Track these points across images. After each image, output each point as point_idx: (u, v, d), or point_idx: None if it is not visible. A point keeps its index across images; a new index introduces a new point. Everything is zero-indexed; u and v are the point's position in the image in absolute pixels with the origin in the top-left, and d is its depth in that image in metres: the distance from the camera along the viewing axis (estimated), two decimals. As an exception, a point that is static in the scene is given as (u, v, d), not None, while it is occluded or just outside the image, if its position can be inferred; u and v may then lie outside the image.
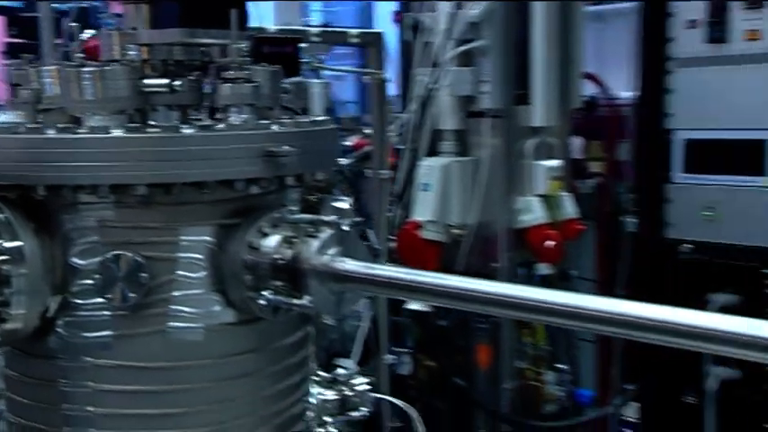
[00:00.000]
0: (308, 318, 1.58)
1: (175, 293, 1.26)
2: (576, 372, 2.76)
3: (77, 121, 1.27)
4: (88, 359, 1.27)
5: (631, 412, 2.73)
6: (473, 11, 2.44)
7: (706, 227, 2.45)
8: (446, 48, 2.48)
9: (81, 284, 1.25)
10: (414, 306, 2.47)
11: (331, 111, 2.57)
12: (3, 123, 1.31)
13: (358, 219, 1.59)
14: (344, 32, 2.46)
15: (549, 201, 2.59)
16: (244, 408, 1.39)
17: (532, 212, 2.55)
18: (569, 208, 2.63)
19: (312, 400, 1.56)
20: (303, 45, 2.11)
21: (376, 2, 4.83)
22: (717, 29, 2.38)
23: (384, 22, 2.69)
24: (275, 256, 1.25)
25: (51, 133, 1.22)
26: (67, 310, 1.26)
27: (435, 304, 2.40)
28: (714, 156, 2.47)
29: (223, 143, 1.25)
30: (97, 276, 1.23)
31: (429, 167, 2.52)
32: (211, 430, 1.32)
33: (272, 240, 1.25)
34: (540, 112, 2.55)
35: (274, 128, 1.29)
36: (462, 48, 2.50)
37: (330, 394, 1.61)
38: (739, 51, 2.38)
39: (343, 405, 1.63)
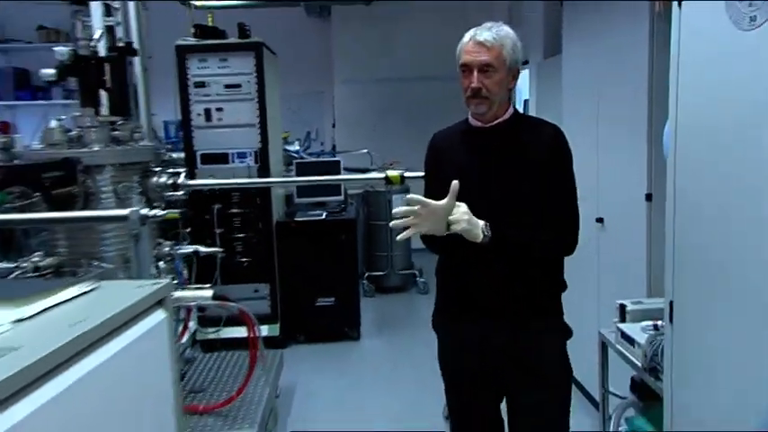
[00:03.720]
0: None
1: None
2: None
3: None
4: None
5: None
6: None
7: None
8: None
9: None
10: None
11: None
12: None
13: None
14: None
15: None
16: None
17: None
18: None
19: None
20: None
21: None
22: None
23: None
24: (168, 182, 3.04)
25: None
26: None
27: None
28: (213, 159, 5.37)
29: (137, 150, 2.99)
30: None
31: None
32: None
33: (164, 178, 3.03)
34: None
35: (150, 145, 3.14)
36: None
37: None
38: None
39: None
